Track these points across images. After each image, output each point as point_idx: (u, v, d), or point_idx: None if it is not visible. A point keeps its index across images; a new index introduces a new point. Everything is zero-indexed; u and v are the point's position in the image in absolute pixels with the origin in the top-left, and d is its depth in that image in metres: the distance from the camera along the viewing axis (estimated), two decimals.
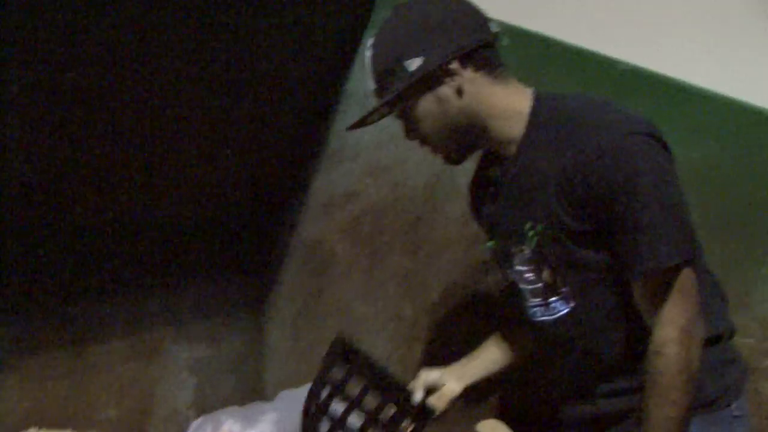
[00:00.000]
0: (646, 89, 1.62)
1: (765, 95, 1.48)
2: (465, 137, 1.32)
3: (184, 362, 2.17)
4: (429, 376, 1.53)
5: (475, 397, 1.66)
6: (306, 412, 1.52)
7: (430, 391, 1.52)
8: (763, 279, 1.47)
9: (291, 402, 2.20)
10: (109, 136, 1.78)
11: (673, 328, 1.16)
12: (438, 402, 1.52)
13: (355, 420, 1.54)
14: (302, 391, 2.25)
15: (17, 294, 1.82)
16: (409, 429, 1.48)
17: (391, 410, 1.50)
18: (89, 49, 1.61)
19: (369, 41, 1.32)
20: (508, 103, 1.29)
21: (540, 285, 1.33)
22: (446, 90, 1.27)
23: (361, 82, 2.14)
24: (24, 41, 1.51)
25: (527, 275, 1.34)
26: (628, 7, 1.70)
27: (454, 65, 1.25)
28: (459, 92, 1.27)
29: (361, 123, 1.37)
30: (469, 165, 1.99)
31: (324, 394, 1.56)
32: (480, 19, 1.29)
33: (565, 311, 1.31)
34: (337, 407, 1.56)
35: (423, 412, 1.48)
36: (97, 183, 1.85)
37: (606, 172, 1.16)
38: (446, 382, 1.53)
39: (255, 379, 2.32)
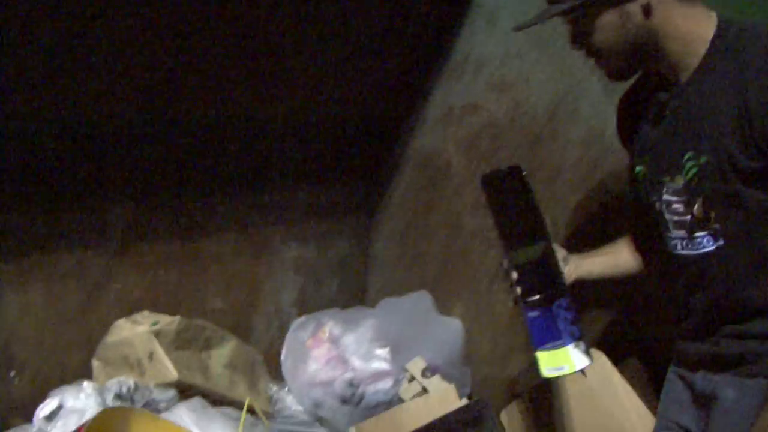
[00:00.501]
0: None
1: None
2: (638, 56, 1.25)
3: (291, 262, 2.21)
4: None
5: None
6: None
7: None
8: None
9: (392, 310, 2.23)
10: (231, 31, 1.77)
11: None
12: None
13: None
14: (404, 301, 2.29)
15: (137, 183, 1.88)
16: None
17: None
18: None
19: None
20: (691, 27, 1.21)
21: (687, 218, 1.28)
22: (634, 6, 1.19)
23: None
24: None
25: (675, 206, 1.29)
26: None
27: None
28: (646, 10, 1.19)
29: (532, 23, 1.30)
30: (594, 89, 1.86)
31: None
32: None
33: (712, 248, 1.26)
34: None
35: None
36: (217, 80, 1.86)
37: None
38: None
39: (358, 284, 2.35)
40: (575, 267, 1.53)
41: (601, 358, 1.84)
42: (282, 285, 2.21)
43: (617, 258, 1.57)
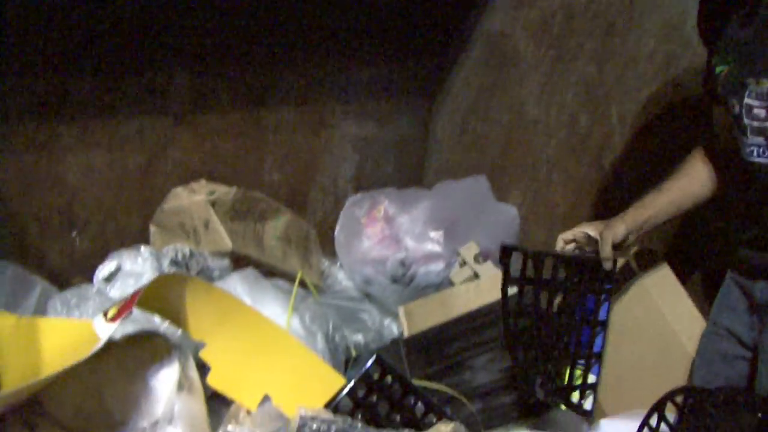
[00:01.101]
0: None
1: None
2: None
3: (349, 138, 2.18)
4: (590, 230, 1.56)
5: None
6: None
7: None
8: None
9: (448, 193, 2.21)
10: None
11: None
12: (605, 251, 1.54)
13: None
14: (461, 185, 2.26)
15: (199, 51, 1.86)
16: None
17: None
18: None
19: None
20: None
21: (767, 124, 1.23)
22: None
23: None
24: None
25: (756, 111, 1.24)
26: None
27: None
28: None
29: None
30: None
31: None
32: None
33: None
34: None
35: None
36: None
37: None
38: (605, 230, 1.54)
39: (416, 164, 2.32)
40: (622, 222, 1.53)
41: (660, 261, 1.81)
42: (339, 161, 2.20)
43: (668, 196, 1.53)
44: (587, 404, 1.54)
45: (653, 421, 1.37)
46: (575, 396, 1.50)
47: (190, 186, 1.90)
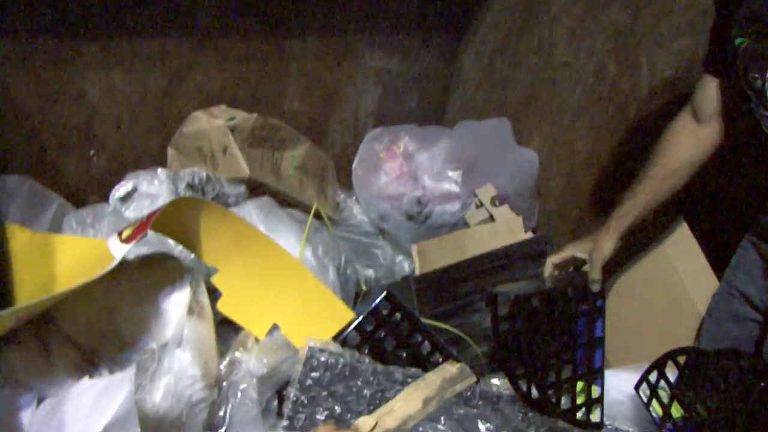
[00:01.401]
0: None
1: None
2: None
3: (373, 71, 2.15)
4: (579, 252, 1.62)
5: None
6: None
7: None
8: None
9: (469, 134, 2.18)
10: None
11: None
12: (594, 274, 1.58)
13: None
14: (483, 126, 2.23)
15: None
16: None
17: None
18: None
19: None
20: None
21: None
22: None
23: None
24: None
25: None
26: None
27: None
28: None
29: None
30: None
31: None
32: None
33: None
34: None
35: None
36: None
37: None
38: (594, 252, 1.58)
39: (438, 103, 2.29)
40: (609, 238, 1.58)
41: (678, 217, 1.80)
42: (361, 94, 2.17)
43: (648, 192, 1.54)
44: (596, 417, 1.54)
45: (653, 377, 1.37)
46: (580, 414, 1.50)
47: (210, 110, 1.88)
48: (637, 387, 1.42)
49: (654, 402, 1.39)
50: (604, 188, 2.28)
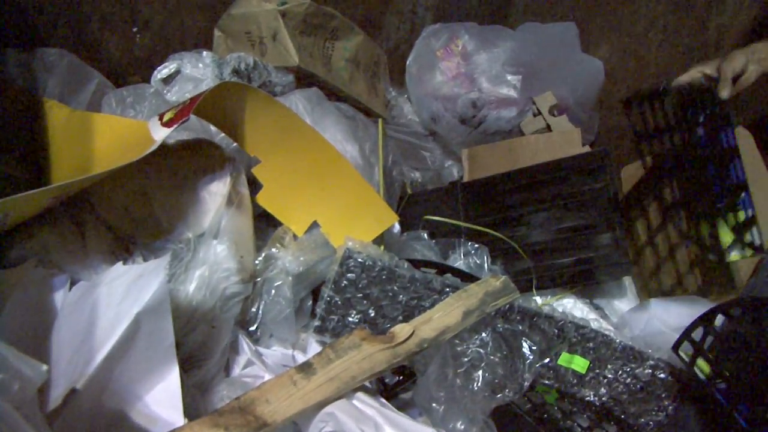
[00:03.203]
0: None
1: None
2: None
3: None
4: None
5: None
6: None
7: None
8: None
9: (533, 37, 2.06)
10: None
11: None
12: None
13: None
14: (548, 29, 2.09)
15: None
16: None
17: None
18: None
19: None
20: None
21: None
22: None
23: None
24: None
25: None
26: None
27: None
28: None
29: None
30: None
31: None
32: None
33: None
34: None
35: None
36: None
37: None
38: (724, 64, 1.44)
39: (503, 1, 2.14)
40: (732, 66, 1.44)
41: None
42: None
43: None
44: (756, 239, 1.43)
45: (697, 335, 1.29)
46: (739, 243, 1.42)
47: None
48: (675, 347, 1.33)
49: (700, 360, 1.31)
50: None
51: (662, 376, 1.40)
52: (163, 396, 1.02)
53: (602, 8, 2.06)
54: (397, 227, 1.63)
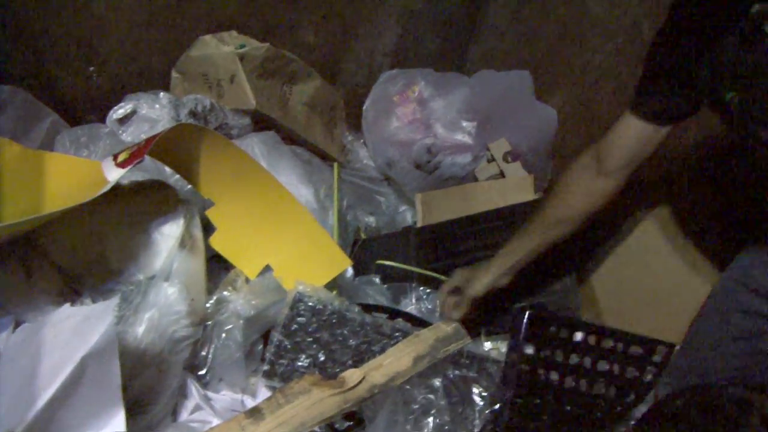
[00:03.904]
0: None
1: None
2: None
3: (394, 8, 2.03)
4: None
5: None
6: None
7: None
8: None
9: (488, 84, 2.10)
10: None
11: None
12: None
13: None
14: (503, 77, 2.14)
15: None
16: None
17: None
18: None
19: None
20: None
21: None
22: None
23: None
24: None
25: None
26: None
27: None
28: None
29: None
30: None
31: None
32: None
33: None
34: None
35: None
36: None
37: None
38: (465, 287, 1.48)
39: (460, 48, 2.19)
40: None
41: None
42: (380, 31, 2.07)
43: (549, 238, 1.44)
44: None
45: None
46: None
47: (220, 35, 1.80)
48: None
49: None
50: None
51: None
52: None
53: (556, 57, 2.11)
54: (350, 271, 1.63)
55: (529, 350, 1.31)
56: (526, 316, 1.30)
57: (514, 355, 1.31)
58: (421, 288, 1.63)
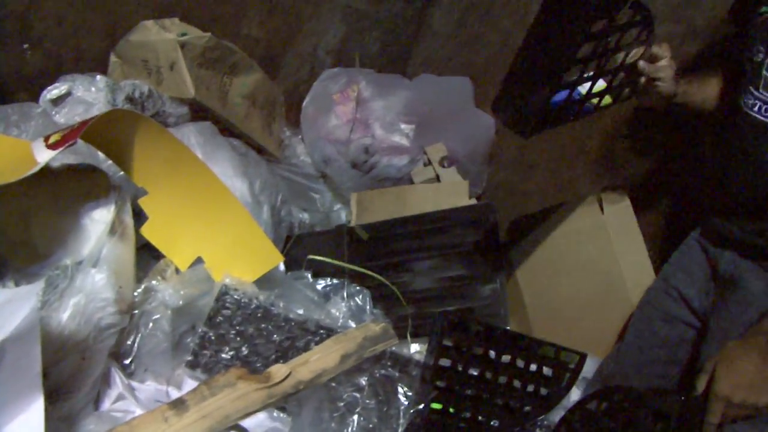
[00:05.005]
0: None
1: None
2: None
3: (340, 7, 2.03)
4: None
5: None
6: None
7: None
8: None
9: (429, 88, 2.12)
10: None
11: None
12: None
13: None
14: (444, 82, 2.17)
15: None
16: None
17: None
18: None
19: None
20: None
21: None
22: None
23: None
24: None
25: None
26: None
27: None
28: None
29: None
30: None
31: None
32: None
33: None
34: None
35: None
36: None
37: None
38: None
39: (403, 51, 2.19)
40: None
41: (625, 200, 1.78)
42: (324, 29, 2.06)
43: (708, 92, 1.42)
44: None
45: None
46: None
47: (162, 22, 1.76)
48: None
49: None
50: (555, 170, 2.25)
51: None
52: (24, 429, 0.98)
53: (499, 66, 2.14)
54: (281, 267, 1.63)
55: (447, 356, 1.34)
56: (446, 321, 1.33)
57: (433, 358, 1.34)
58: (353, 285, 1.64)
